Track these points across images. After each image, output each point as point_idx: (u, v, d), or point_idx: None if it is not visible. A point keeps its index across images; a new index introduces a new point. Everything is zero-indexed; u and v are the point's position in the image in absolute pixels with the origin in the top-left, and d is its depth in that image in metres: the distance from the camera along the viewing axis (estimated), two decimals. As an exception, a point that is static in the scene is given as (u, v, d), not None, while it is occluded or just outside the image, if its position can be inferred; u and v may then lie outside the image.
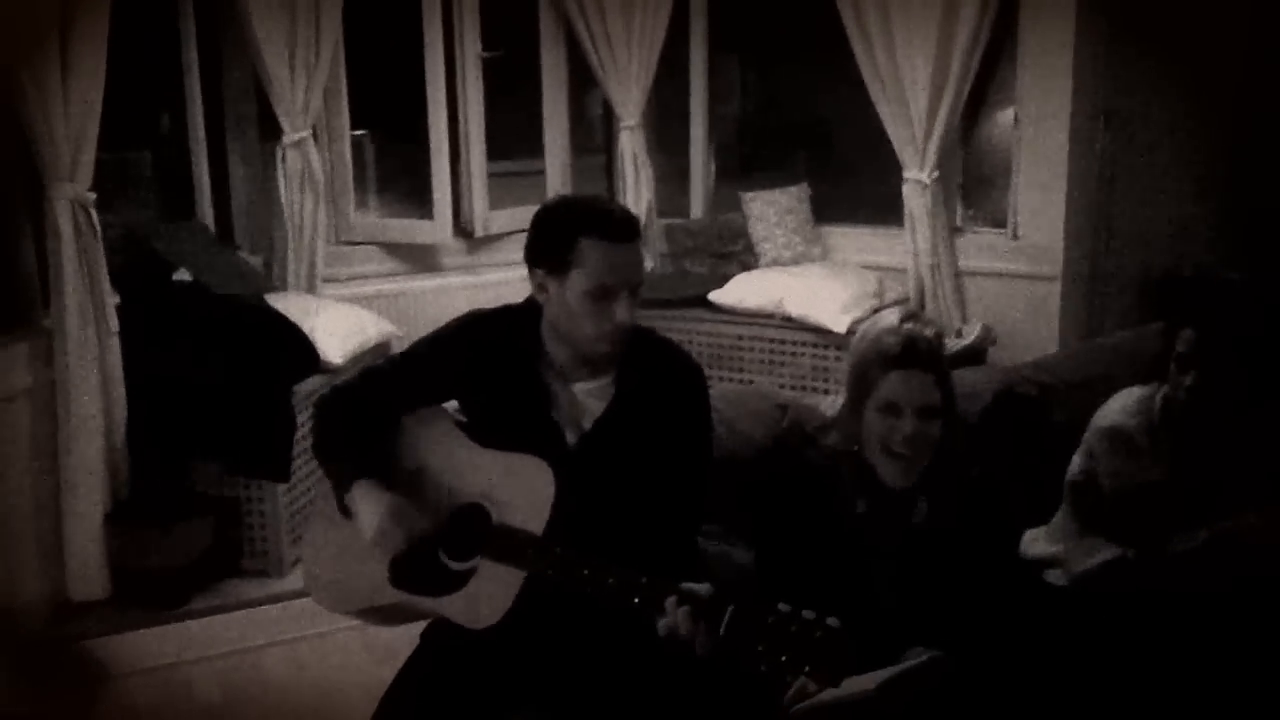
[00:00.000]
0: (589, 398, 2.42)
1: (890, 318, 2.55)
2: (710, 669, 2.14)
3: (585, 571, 2.14)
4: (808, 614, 1.87)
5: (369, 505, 2.37)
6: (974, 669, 2.34)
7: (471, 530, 2.34)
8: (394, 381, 2.55)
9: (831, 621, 1.86)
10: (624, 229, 2.31)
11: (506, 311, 2.50)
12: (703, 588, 2.02)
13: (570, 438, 2.41)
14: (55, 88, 3.76)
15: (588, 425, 2.41)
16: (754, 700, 2.28)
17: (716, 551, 2.75)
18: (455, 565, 2.34)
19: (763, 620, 1.90)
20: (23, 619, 3.87)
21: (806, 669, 1.85)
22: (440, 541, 2.38)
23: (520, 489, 2.30)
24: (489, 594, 2.24)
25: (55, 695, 3.71)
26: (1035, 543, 3.04)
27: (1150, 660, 2.56)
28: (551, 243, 2.32)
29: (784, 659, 1.87)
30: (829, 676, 1.85)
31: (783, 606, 1.89)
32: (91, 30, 3.83)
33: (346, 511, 2.44)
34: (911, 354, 2.45)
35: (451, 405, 2.56)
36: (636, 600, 2.07)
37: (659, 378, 2.43)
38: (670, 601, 2.02)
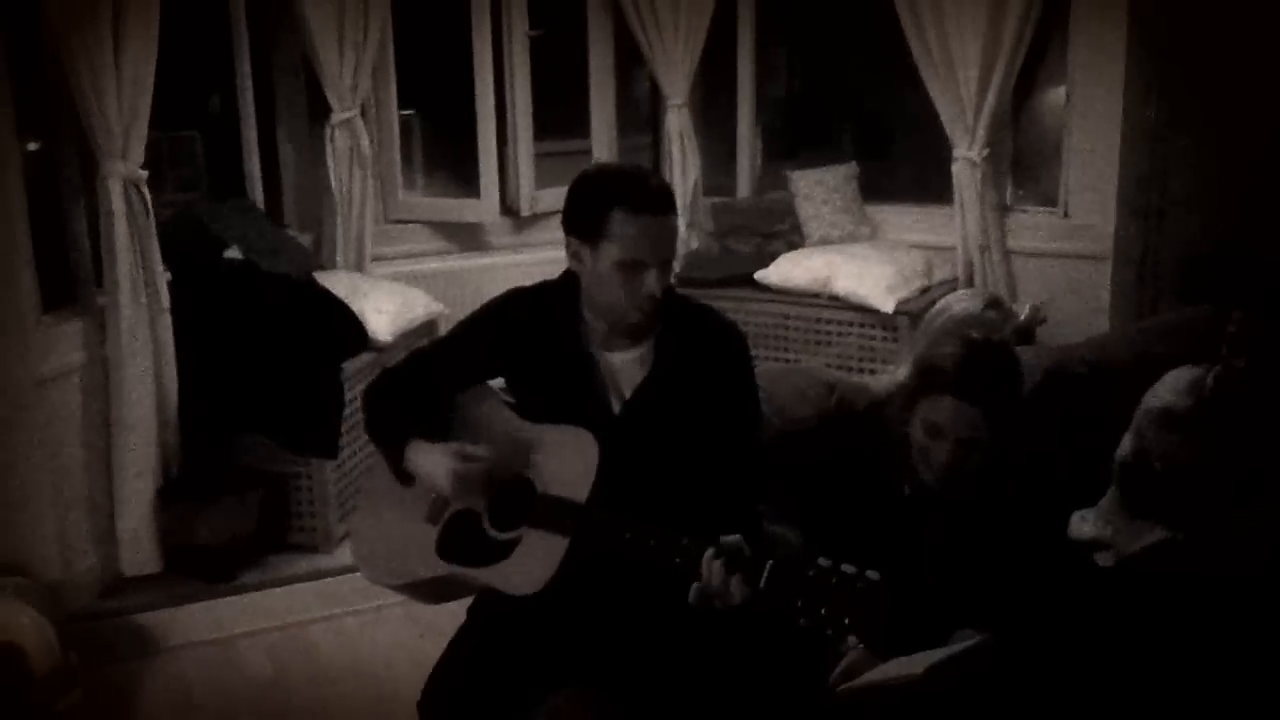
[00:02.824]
0: (630, 365, 2.43)
1: (965, 308, 2.49)
2: (754, 646, 2.14)
3: (627, 534, 2.15)
4: (848, 568, 1.86)
5: (431, 457, 2.39)
6: (1021, 652, 2.33)
7: (517, 501, 2.36)
8: (440, 361, 2.59)
9: (872, 574, 1.85)
10: (657, 201, 2.31)
11: (545, 286, 2.52)
12: (737, 539, 2.01)
13: (615, 406, 2.42)
14: (108, 67, 3.80)
15: (629, 393, 2.42)
16: (800, 678, 2.28)
17: (765, 531, 2.75)
18: (500, 536, 2.36)
19: (802, 574, 1.89)
20: (75, 592, 3.92)
21: (847, 621, 1.84)
22: (486, 513, 2.39)
23: (565, 458, 2.32)
24: (534, 562, 2.26)
25: (107, 667, 3.76)
26: (1083, 524, 3.01)
27: (1199, 644, 2.54)
28: (585, 212, 2.34)
29: (824, 611, 1.85)
30: (870, 629, 1.84)
31: (823, 561, 1.88)
32: (144, 10, 3.86)
33: (403, 478, 2.46)
34: (968, 383, 2.40)
35: (499, 384, 2.57)
36: (678, 560, 2.07)
37: (698, 342, 2.43)
38: (708, 555, 2.02)
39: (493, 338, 2.52)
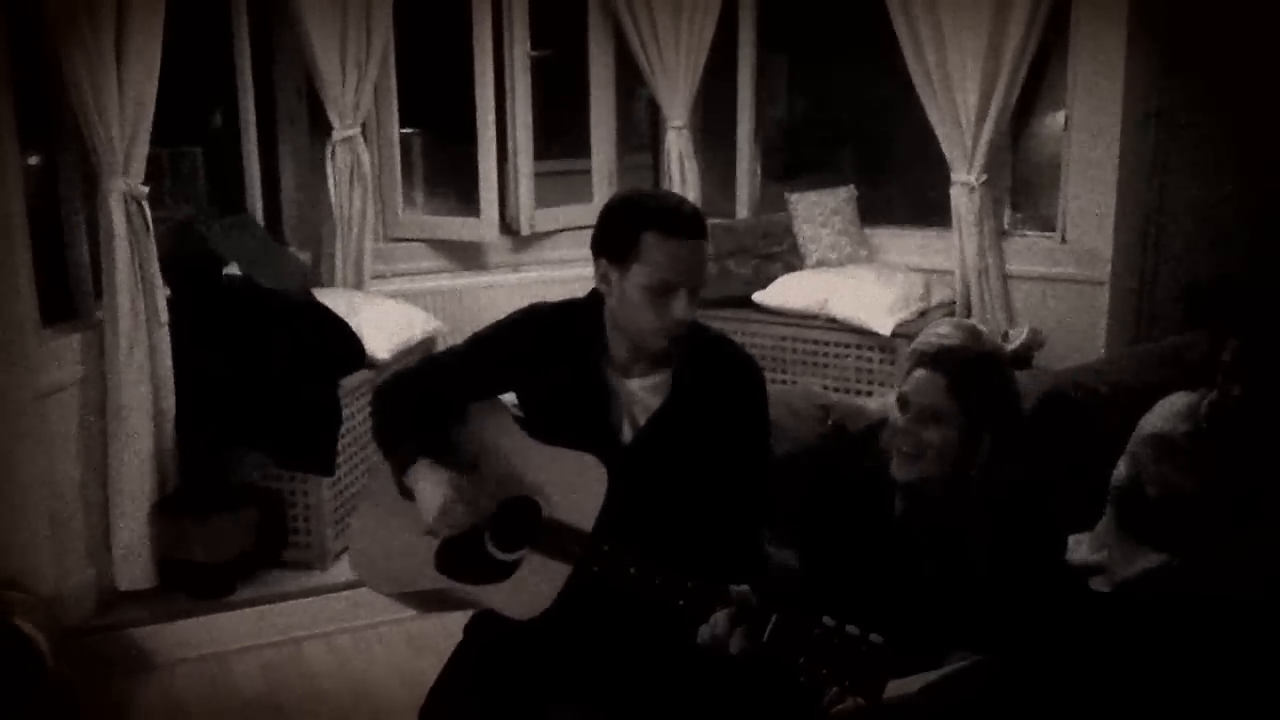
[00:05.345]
0: (646, 393, 2.42)
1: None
2: (750, 670, 2.14)
3: (632, 570, 2.15)
4: (852, 629, 1.87)
5: (430, 483, 2.39)
6: (1017, 675, 2.33)
7: (520, 522, 2.35)
8: (454, 370, 2.58)
9: (875, 638, 1.86)
10: (689, 226, 2.31)
11: (569, 305, 2.52)
12: (745, 590, 2.02)
13: (626, 433, 2.42)
14: (110, 83, 3.80)
15: (643, 421, 2.41)
16: (793, 701, 2.27)
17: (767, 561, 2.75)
18: (502, 556, 2.35)
19: (806, 632, 1.90)
20: (70, 607, 3.91)
21: (847, 684, 1.85)
22: (488, 531, 2.39)
23: (573, 484, 2.31)
24: (534, 586, 2.26)
25: (101, 683, 3.75)
26: (1079, 549, 3.02)
27: (1194, 668, 2.54)
28: (616, 234, 2.34)
29: (825, 672, 1.87)
30: (868, 693, 1.85)
31: (827, 620, 1.89)
32: (146, 26, 3.87)
33: (405, 492, 2.46)
34: (928, 355, 2.43)
35: (510, 399, 2.57)
36: (682, 602, 2.07)
37: (716, 374, 2.43)
38: (717, 613, 2.02)
39: (509, 352, 2.51)
